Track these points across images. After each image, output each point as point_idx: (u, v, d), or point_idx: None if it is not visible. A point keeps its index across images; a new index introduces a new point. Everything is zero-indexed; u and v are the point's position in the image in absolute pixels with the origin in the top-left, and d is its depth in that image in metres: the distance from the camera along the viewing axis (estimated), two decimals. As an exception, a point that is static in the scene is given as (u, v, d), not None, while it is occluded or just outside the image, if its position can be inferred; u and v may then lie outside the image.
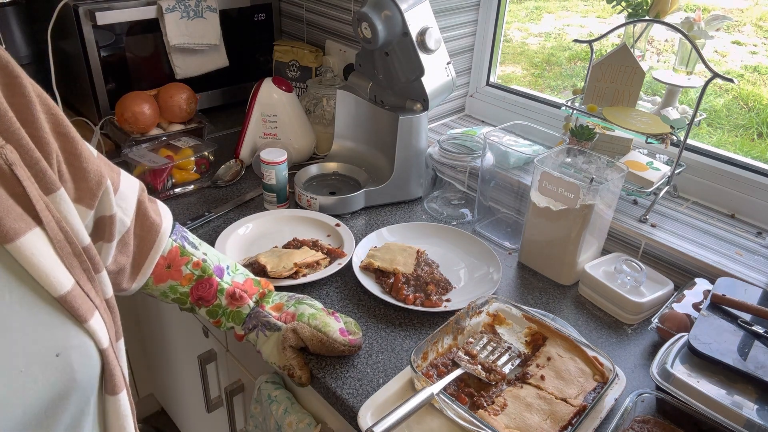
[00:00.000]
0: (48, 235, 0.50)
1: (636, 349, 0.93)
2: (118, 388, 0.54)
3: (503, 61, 2.08)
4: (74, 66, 1.43)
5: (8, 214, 0.47)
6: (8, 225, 0.47)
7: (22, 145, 0.50)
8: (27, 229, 0.48)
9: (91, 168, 0.59)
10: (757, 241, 1.07)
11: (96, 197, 0.61)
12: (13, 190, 0.49)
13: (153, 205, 0.79)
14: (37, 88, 0.55)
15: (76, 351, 0.50)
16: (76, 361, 0.49)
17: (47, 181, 0.52)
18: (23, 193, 0.49)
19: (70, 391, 0.49)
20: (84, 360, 0.50)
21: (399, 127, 1.20)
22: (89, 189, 0.60)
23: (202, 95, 1.58)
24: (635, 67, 1.11)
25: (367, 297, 1.01)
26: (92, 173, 0.59)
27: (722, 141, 1.83)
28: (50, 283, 0.48)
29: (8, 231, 0.47)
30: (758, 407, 0.72)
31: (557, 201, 1.01)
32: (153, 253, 0.78)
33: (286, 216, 1.21)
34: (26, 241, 0.48)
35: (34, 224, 0.49)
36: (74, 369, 0.49)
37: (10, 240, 0.47)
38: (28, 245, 0.48)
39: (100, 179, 0.61)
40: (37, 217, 0.50)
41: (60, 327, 0.49)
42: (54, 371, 0.48)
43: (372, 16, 1.11)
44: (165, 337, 1.51)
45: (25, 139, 0.50)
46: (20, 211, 0.48)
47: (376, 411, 0.77)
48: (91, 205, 0.60)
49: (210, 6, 1.48)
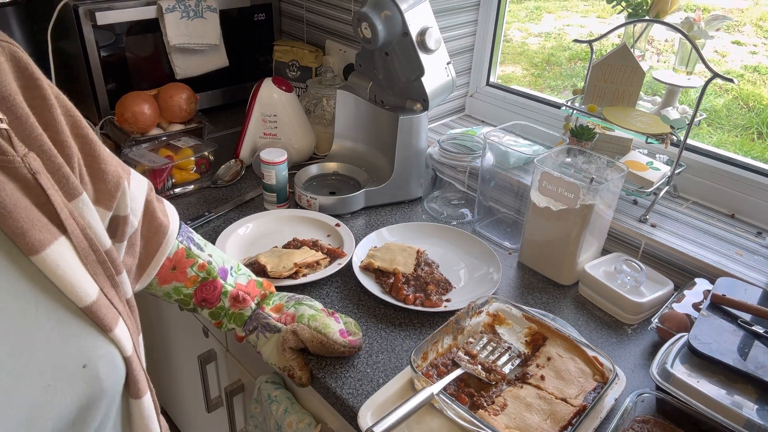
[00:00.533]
0: (73, 244, 0.49)
1: (636, 349, 0.93)
2: (142, 392, 0.54)
3: (503, 61, 2.08)
4: (74, 66, 1.43)
5: (33, 225, 0.46)
6: (34, 236, 0.46)
7: (44, 150, 0.49)
8: (52, 240, 0.47)
9: (110, 169, 0.59)
10: (757, 241, 1.07)
11: (115, 198, 0.60)
12: (38, 200, 0.48)
13: (160, 206, 0.78)
14: (55, 90, 0.53)
15: (102, 361, 0.49)
16: (102, 371, 0.49)
17: (70, 186, 0.51)
18: (48, 202, 0.48)
19: (98, 401, 0.49)
20: (110, 369, 0.50)
21: (399, 127, 1.20)
22: (108, 191, 0.59)
23: (202, 95, 1.58)
24: (635, 67, 1.11)
25: (367, 297, 1.01)
26: (111, 174, 0.59)
27: (722, 141, 1.83)
28: (76, 294, 0.48)
29: (34, 243, 0.46)
30: (758, 407, 0.72)
31: (557, 201, 1.01)
32: (159, 255, 0.76)
33: (286, 216, 1.21)
34: (52, 251, 0.47)
35: (59, 233, 0.48)
36: (101, 379, 0.49)
37: (36, 252, 0.46)
38: (54, 256, 0.47)
39: (119, 180, 0.60)
40: (61, 226, 0.49)
41: (86, 338, 0.48)
42: (81, 383, 0.47)
43: (372, 16, 1.11)
44: (165, 337, 1.51)
45: (48, 144, 0.50)
46: (45, 221, 0.48)
47: (376, 411, 0.77)
48: (109, 207, 0.59)
49: (210, 6, 1.48)
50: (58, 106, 0.53)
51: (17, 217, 0.45)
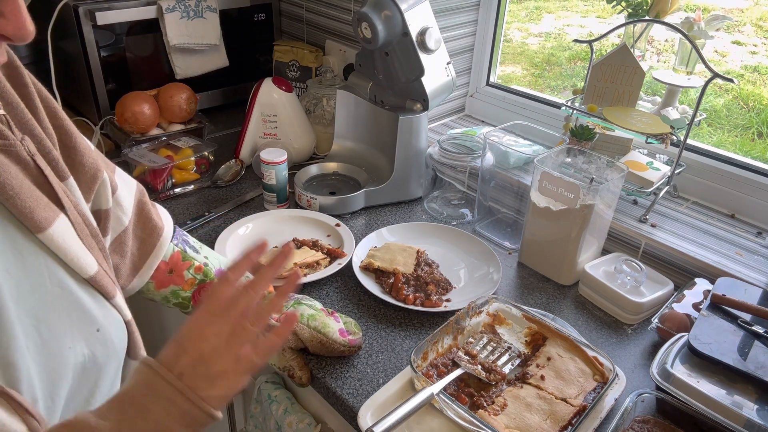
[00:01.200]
0: (71, 220, 0.53)
1: (636, 349, 0.93)
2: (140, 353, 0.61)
3: (503, 61, 2.08)
4: (74, 66, 1.43)
5: (38, 204, 0.49)
6: (40, 215, 0.49)
7: (35, 135, 0.52)
8: (55, 217, 0.51)
9: (87, 161, 0.60)
10: (757, 241, 1.07)
11: (92, 190, 0.61)
12: (37, 180, 0.51)
13: (154, 209, 0.79)
14: (32, 77, 0.56)
15: (111, 325, 0.54)
16: (113, 333, 0.54)
17: (60, 168, 0.54)
18: (46, 182, 0.51)
19: (110, 360, 0.54)
20: (118, 333, 0.55)
21: (399, 127, 1.20)
22: (86, 182, 0.60)
23: (202, 95, 1.58)
24: (635, 67, 1.11)
25: (367, 297, 1.01)
26: (88, 166, 0.60)
27: (722, 141, 1.83)
28: (80, 266, 0.52)
29: (41, 221, 0.49)
30: (758, 407, 0.72)
31: (557, 201, 1.01)
32: (153, 257, 0.77)
33: (286, 216, 1.21)
34: (56, 228, 0.50)
35: (59, 211, 0.52)
36: (113, 341, 0.54)
37: (44, 229, 0.49)
38: (59, 232, 0.50)
39: (96, 172, 0.61)
40: (60, 204, 0.52)
41: (95, 305, 0.53)
42: (97, 345, 0.52)
43: (372, 16, 1.11)
44: (165, 337, 1.51)
45: (38, 129, 0.52)
46: (46, 201, 0.51)
47: (376, 411, 0.77)
48: (87, 199, 0.61)
49: (210, 6, 1.48)
50: (36, 93, 0.55)
51: (24, 197, 0.48)
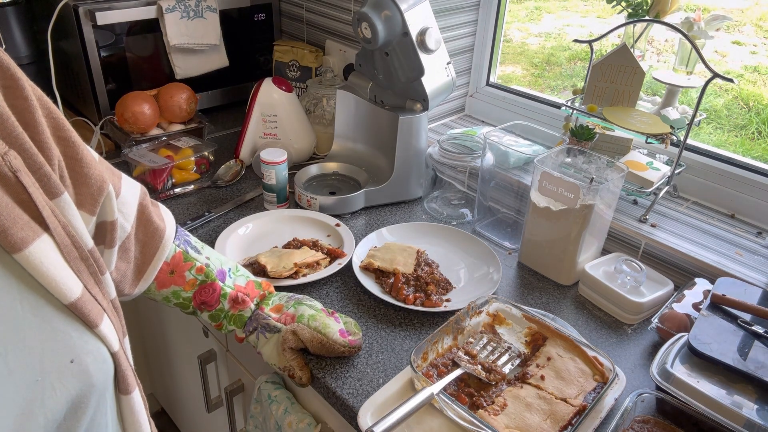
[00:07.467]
0: (56, 241, 0.49)
1: (636, 349, 0.93)
2: (131, 388, 0.55)
3: (503, 61, 2.08)
4: (74, 66, 1.43)
5: (15, 224, 0.46)
6: (15, 234, 0.46)
7: (25, 149, 0.49)
8: (35, 237, 0.47)
9: (93, 173, 0.59)
10: (757, 241, 1.07)
11: (98, 203, 0.60)
12: (19, 198, 0.48)
13: (156, 210, 0.78)
14: (37, 91, 0.54)
15: (89, 356, 0.50)
16: (90, 366, 0.49)
17: (51, 185, 0.51)
18: (29, 200, 0.48)
19: (87, 396, 0.49)
20: (98, 364, 0.50)
21: (399, 127, 1.20)
22: (91, 195, 0.59)
23: (202, 95, 1.58)
24: (635, 67, 1.11)
25: (367, 297, 1.01)
26: (94, 179, 0.59)
27: (722, 141, 1.83)
28: (60, 291, 0.48)
29: (16, 240, 0.46)
30: (758, 407, 0.72)
31: (557, 201, 1.01)
32: (156, 259, 0.77)
33: (286, 216, 1.21)
34: (35, 249, 0.47)
35: (42, 231, 0.49)
36: (90, 374, 0.49)
37: (19, 249, 0.46)
38: (37, 253, 0.47)
39: (102, 185, 0.60)
40: (44, 224, 0.49)
41: (72, 334, 0.49)
42: (71, 378, 0.48)
43: (372, 16, 1.11)
44: (165, 337, 1.51)
45: (28, 143, 0.50)
46: (27, 219, 0.48)
47: (376, 411, 0.77)
48: (92, 212, 0.60)
49: (210, 6, 1.48)
50: (39, 108, 0.53)
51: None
